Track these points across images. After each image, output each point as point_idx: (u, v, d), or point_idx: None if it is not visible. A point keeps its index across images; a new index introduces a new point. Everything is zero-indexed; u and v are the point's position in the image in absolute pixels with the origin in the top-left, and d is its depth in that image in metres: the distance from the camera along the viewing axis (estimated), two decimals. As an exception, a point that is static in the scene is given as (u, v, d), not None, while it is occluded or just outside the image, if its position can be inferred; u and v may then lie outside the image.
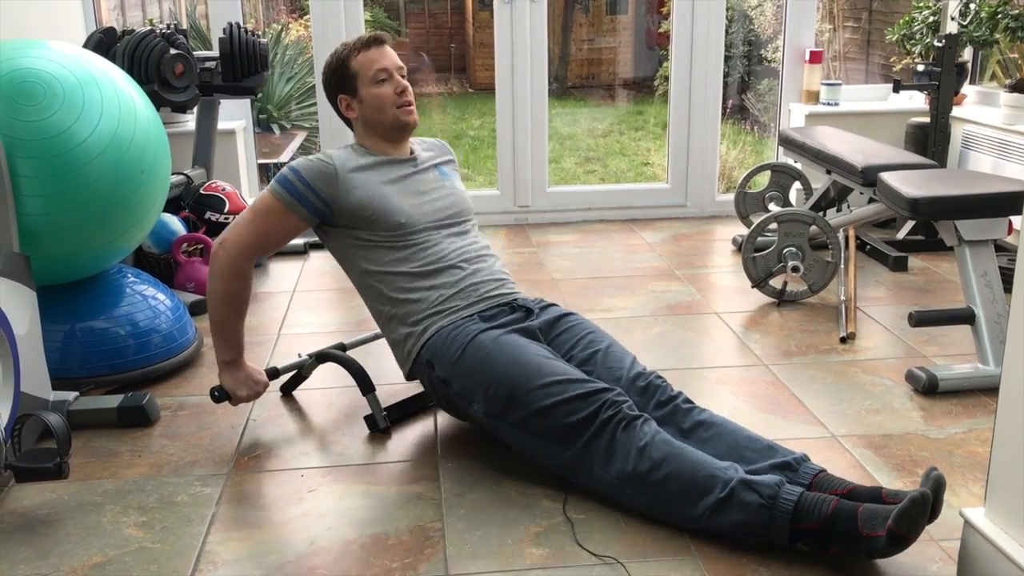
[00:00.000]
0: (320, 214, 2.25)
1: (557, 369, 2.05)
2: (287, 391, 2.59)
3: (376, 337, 2.71)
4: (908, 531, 1.66)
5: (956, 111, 4.08)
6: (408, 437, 2.33)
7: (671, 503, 1.87)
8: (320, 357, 2.53)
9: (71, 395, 2.37)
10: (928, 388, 2.50)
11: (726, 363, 2.77)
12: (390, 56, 2.33)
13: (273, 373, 2.48)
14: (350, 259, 2.32)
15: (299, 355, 2.57)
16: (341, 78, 2.34)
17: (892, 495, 1.77)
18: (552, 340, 2.24)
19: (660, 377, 2.14)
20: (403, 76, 2.34)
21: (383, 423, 2.33)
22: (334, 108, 2.41)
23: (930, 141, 4.00)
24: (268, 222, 2.25)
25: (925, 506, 1.66)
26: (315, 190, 2.23)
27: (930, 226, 3.78)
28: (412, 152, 2.42)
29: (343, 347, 2.60)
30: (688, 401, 2.09)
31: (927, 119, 4.06)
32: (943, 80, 3.91)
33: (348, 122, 2.41)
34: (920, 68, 4.09)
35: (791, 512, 1.74)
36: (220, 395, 2.35)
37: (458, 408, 2.22)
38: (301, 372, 2.57)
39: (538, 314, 2.28)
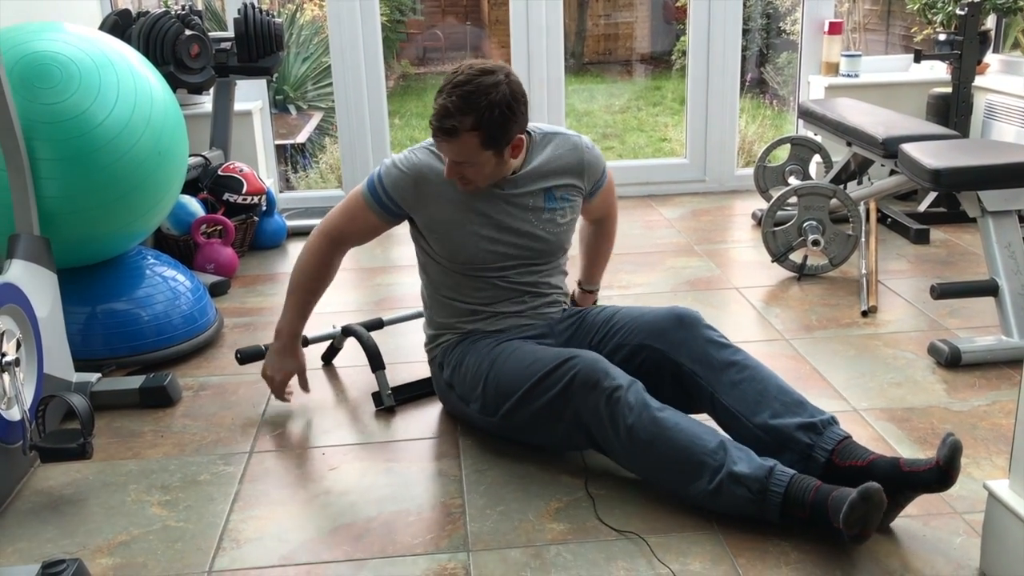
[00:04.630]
0: (401, 217, 2.20)
1: (535, 353, 2.04)
2: (327, 360, 2.65)
3: (415, 316, 2.72)
4: (861, 529, 1.67)
5: (979, 80, 4.01)
6: (428, 415, 2.33)
7: (666, 482, 1.89)
8: (345, 331, 2.56)
9: (94, 376, 2.39)
10: (951, 361, 2.48)
11: (747, 338, 2.75)
12: (444, 148, 2.03)
13: (303, 342, 2.52)
14: (416, 246, 2.27)
15: (332, 326, 2.60)
16: None
17: (909, 464, 1.76)
18: (568, 341, 2.21)
19: (696, 313, 2.09)
20: (465, 165, 2.03)
21: (388, 401, 2.35)
22: None
23: (952, 111, 3.94)
24: (352, 216, 2.22)
25: (869, 504, 1.64)
26: (393, 200, 2.15)
27: (952, 198, 3.73)
28: (516, 171, 2.14)
29: (381, 323, 2.64)
30: (723, 337, 2.05)
31: (949, 89, 4.00)
32: (965, 49, 3.85)
33: None
34: (942, 37, 4.03)
35: (779, 504, 1.75)
36: (243, 356, 2.43)
37: (459, 411, 2.23)
38: (335, 344, 2.62)
39: (557, 335, 2.23)
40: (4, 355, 1.95)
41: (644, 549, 1.75)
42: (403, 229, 2.27)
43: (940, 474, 1.71)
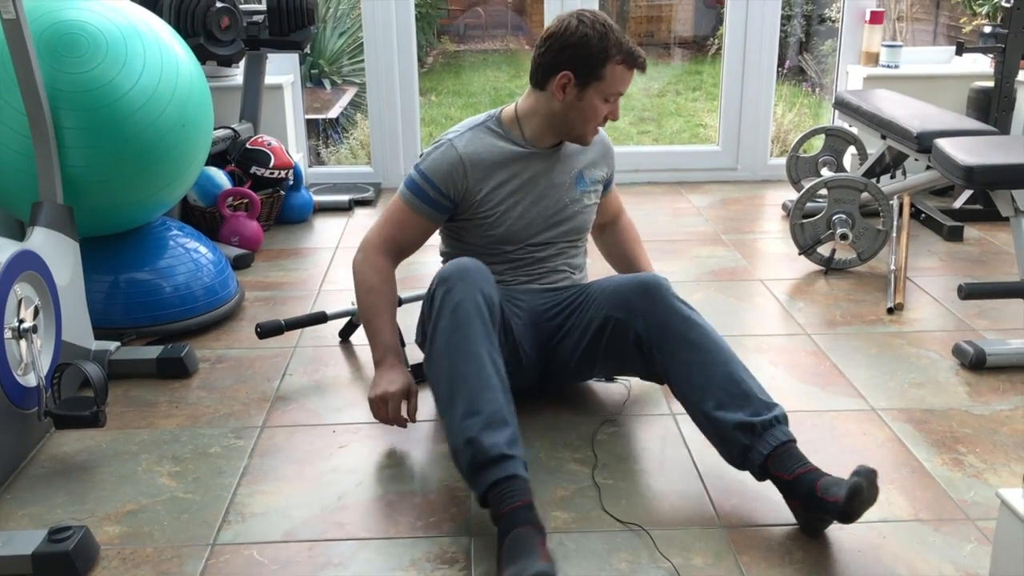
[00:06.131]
0: (448, 212, 2.16)
1: None
2: (344, 337, 2.65)
3: None
4: None
5: (1022, 75, 3.91)
6: (441, 396, 2.33)
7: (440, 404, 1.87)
8: None
9: (112, 345, 2.41)
10: (975, 363, 2.43)
11: (767, 331, 2.71)
12: (628, 82, 2.09)
13: (322, 317, 2.57)
14: (443, 239, 2.28)
15: (351, 303, 2.62)
16: (588, 63, 2.01)
17: (823, 490, 1.68)
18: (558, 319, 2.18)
19: (663, 281, 2.03)
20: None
21: None
22: (544, 68, 2.06)
23: (993, 107, 3.85)
24: (402, 225, 2.16)
25: None
26: (445, 194, 2.12)
27: (988, 195, 3.66)
28: (558, 144, 2.20)
29: (399, 301, 2.63)
30: (688, 308, 1.97)
31: (991, 84, 3.90)
32: (1010, 42, 3.74)
33: (540, 86, 2.09)
34: (987, 29, 3.94)
35: (487, 487, 1.69)
36: (263, 331, 2.46)
37: None
38: (353, 320, 2.63)
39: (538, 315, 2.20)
40: (22, 321, 1.97)
41: (647, 542, 1.74)
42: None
43: (840, 513, 1.66)
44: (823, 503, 1.68)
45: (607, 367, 2.16)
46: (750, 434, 1.79)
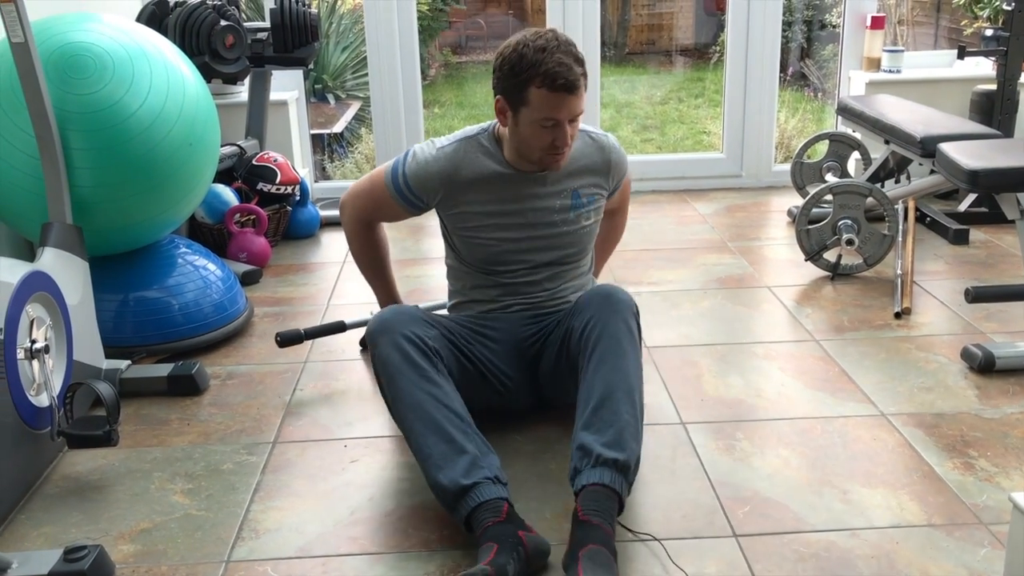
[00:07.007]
0: (427, 208, 2.20)
1: None
2: (365, 346, 2.67)
3: (444, 306, 2.74)
4: None
5: (1025, 78, 3.92)
6: (451, 409, 2.33)
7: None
8: None
9: (123, 364, 2.42)
10: (984, 366, 2.43)
11: (776, 338, 2.72)
12: (571, 105, 1.94)
13: (340, 327, 2.62)
14: (444, 242, 2.29)
15: (370, 313, 2.61)
16: (511, 87, 1.95)
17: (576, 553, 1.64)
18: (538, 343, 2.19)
19: (625, 298, 2.00)
20: (573, 121, 1.98)
21: None
22: (493, 91, 2.05)
23: (996, 110, 3.85)
24: (379, 204, 2.24)
25: None
26: (416, 195, 2.16)
27: (993, 198, 3.66)
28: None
29: None
30: (632, 330, 1.95)
31: (994, 87, 3.91)
32: (1012, 45, 3.75)
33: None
34: (988, 32, 3.94)
35: (464, 520, 1.73)
36: (283, 340, 2.53)
37: None
38: None
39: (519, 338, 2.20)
40: (34, 342, 1.98)
41: (660, 552, 1.74)
42: (434, 221, 2.28)
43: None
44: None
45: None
46: (585, 459, 1.76)
